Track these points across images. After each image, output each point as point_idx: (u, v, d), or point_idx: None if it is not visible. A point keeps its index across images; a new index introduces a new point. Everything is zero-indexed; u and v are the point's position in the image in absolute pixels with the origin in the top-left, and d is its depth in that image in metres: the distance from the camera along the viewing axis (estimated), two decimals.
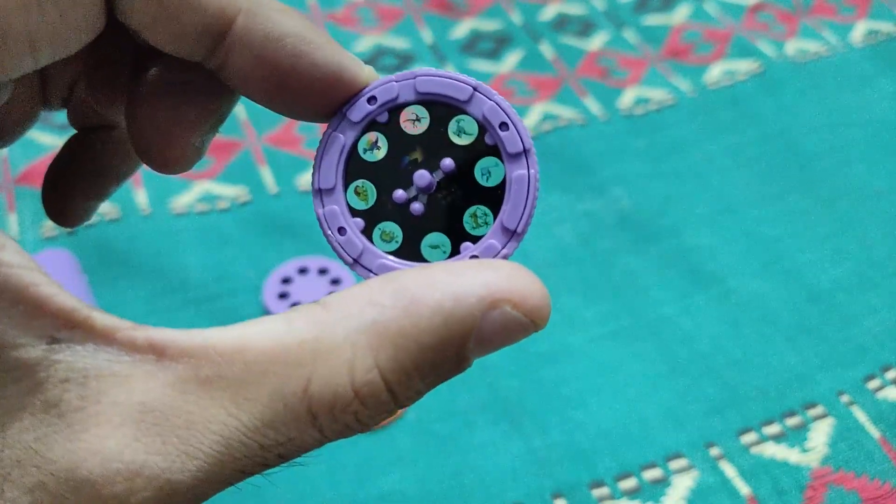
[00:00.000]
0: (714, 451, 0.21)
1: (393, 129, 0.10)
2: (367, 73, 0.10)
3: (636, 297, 0.26)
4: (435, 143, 0.10)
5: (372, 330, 0.08)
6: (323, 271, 0.26)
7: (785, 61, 0.35)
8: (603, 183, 0.29)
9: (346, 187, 0.10)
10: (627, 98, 0.33)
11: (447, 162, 0.10)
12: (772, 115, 0.32)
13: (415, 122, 0.10)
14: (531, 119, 0.32)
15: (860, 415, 0.22)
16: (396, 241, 0.10)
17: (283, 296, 0.25)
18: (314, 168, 0.10)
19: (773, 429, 0.22)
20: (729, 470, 0.21)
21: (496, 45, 0.36)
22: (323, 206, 0.10)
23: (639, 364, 0.24)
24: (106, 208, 0.28)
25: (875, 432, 0.22)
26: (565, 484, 0.21)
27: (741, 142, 0.31)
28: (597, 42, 0.36)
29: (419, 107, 0.10)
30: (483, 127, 0.10)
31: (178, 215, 0.28)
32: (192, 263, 0.26)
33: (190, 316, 0.25)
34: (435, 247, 0.10)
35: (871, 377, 0.23)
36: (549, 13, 0.38)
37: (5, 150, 0.31)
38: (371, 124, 0.10)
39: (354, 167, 0.10)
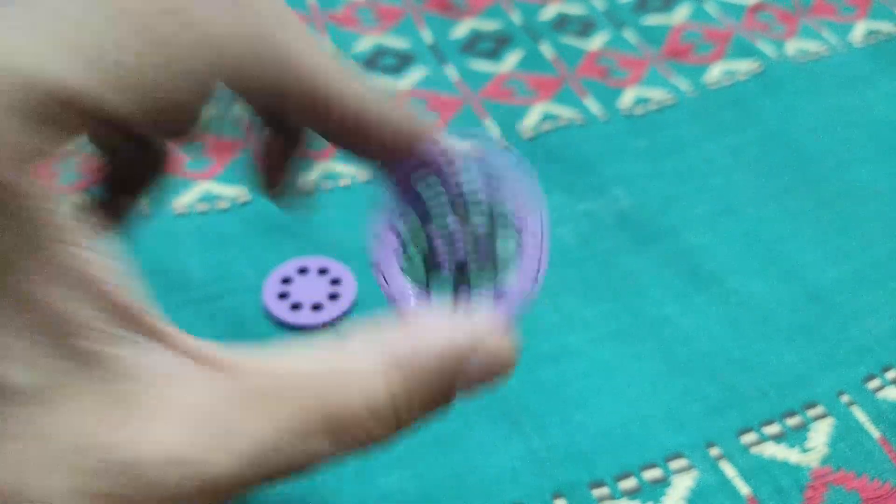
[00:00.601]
0: (714, 451, 0.21)
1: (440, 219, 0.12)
2: (434, 132, 0.13)
3: (636, 297, 0.26)
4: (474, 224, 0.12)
5: (385, 362, 0.10)
6: (323, 271, 0.26)
7: (785, 61, 0.35)
8: (603, 183, 0.29)
9: (398, 235, 0.12)
10: (627, 98, 0.33)
11: (479, 232, 0.12)
12: (772, 115, 0.32)
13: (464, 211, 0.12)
14: (531, 119, 0.32)
15: (860, 415, 0.22)
16: (421, 280, 0.12)
17: (283, 296, 0.25)
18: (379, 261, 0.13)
19: (773, 429, 0.22)
20: (729, 470, 0.21)
21: (496, 45, 0.36)
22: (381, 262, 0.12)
23: (639, 364, 0.24)
24: None
25: (875, 432, 0.22)
26: (565, 484, 0.21)
27: (741, 142, 0.31)
28: (597, 42, 0.36)
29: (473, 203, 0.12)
30: (518, 225, 0.12)
31: (179, 215, 0.28)
32: (192, 263, 0.26)
33: (190, 315, 0.25)
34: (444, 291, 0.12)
35: (871, 377, 0.23)
36: (549, 13, 0.38)
37: None
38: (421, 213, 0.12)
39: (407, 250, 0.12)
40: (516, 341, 0.11)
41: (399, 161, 0.12)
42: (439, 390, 0.11)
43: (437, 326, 0.11)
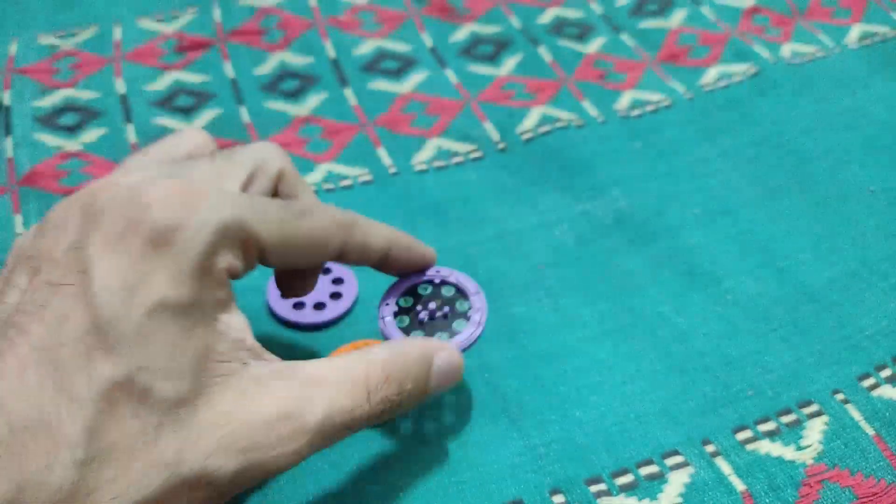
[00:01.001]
0: (710, 448, 0.22)
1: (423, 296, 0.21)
2: (432, 257, 0.21)
3: (633, 296, 0.26)
4: (444, 294, 0.21)
5: (364, 360, 0.17)
6: (325, 271, 0.26)
7: (780, 63, 0.35)
8: (600, 184, 0.30)
9: (397, 304, 0.21)
10: (624, 100, 0.34)
11: (446, 296, 0.21)
12: (767, 116, 0.33)
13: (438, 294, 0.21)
14: (530, 121, 0.33)
15: (855, 413, 0.22)
16: (404, 326, 0.20)
17: None
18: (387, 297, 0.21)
19: (768, 426, 0.22)
20: (724, 466, 0.21)
21: (495, 49, 0.36)
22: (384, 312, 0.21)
23: (635, 362, 0.24)
24: None
25: (870, 430, 0.22)
26: (563, 480, 0.21)
27: (736, 143, 0.32)
28: (594, 45, 0.37)
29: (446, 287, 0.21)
30: (467, 297, 0.21)
31: None
32: None
33: None
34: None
35: (865, 376, 0.24)
36: (547, 17, 0.38)
37: (10, 151, 0.31)
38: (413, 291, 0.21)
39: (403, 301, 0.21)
40: (462, 359, 0.19)
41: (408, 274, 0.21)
42: (418, 375, 0.17)
43: (417, 340, 0.19)
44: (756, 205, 0.29)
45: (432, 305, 0.21)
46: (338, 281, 0.26)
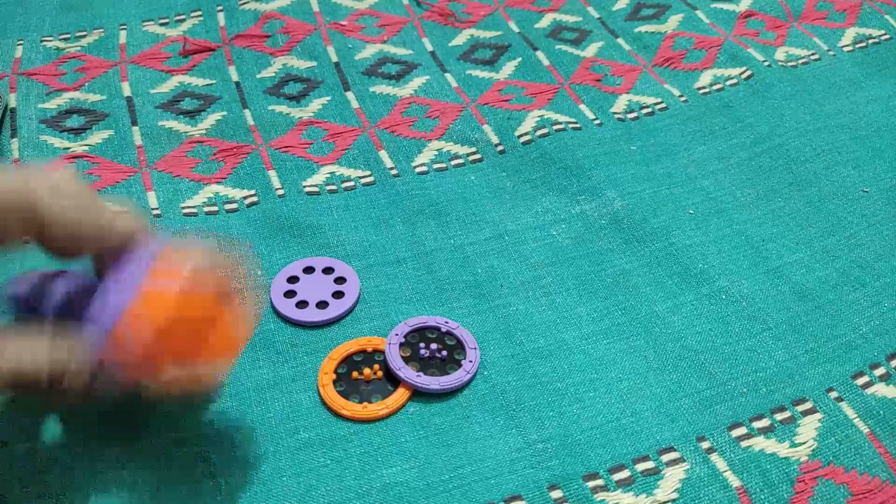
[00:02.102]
0: (704, 445, 0.22)
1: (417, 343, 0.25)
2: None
3: (629, 295, 0.26)
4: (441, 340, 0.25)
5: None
6: (328, 270, 0.27)
7: (774, 66, 0.36)
8: (596, 185, 0.30)
9: (405, 336, 0.25)
10: (621, 103, 0.34)
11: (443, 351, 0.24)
12: (761, 118, 0.33)
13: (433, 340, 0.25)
14: (528, 124, 0.33)
15: (849, 411, 0.23)
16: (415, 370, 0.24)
17: (289, 294, 0.26)
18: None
19: (763, 423, 0.23)
20: (720, 463, 0.22)
21: (494, 53, 0.37)
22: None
23: (631, 360, 0.24)
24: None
25: (864, 428, 0.22)
26: (561, 475, 0.21)
27: (731, 145, 0.32)
28: (591, 50, 0.37)
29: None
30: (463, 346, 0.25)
31: (187, 216, 0.29)
32: None
33: None
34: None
35: (859, 374, 0.24)
36: (545, 22, 0.39)
37: (16, 152, 0.32)
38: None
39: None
40: None
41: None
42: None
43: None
44: (750, 205, 0.30)
45: (434, 346, 0.24)
46: (340, 280, 0.26)
